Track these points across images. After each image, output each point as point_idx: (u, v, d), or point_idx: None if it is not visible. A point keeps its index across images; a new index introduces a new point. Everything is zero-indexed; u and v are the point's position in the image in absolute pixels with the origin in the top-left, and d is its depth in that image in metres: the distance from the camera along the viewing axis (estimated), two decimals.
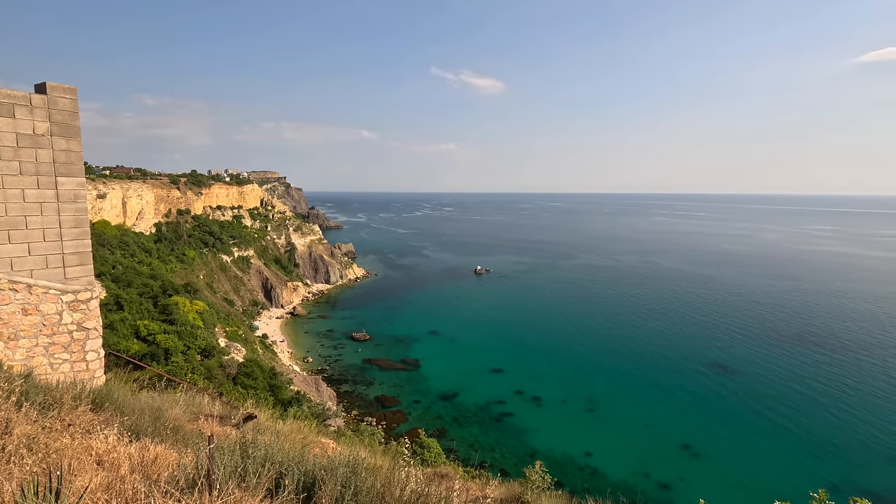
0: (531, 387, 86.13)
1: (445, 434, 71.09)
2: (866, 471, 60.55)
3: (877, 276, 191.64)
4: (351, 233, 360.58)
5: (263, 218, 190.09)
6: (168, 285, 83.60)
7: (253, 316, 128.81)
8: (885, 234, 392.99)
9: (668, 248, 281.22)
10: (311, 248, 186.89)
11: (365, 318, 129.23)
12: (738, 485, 57.67)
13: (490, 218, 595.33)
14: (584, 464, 63.59)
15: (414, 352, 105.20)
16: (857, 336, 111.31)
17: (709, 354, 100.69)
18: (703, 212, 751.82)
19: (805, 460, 62.90)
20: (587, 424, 73.77)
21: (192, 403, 12.90)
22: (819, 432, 69.31)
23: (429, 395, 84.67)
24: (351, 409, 79.27)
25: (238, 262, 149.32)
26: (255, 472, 4.15)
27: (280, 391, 60.19)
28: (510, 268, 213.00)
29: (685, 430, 70.68)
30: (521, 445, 68.47)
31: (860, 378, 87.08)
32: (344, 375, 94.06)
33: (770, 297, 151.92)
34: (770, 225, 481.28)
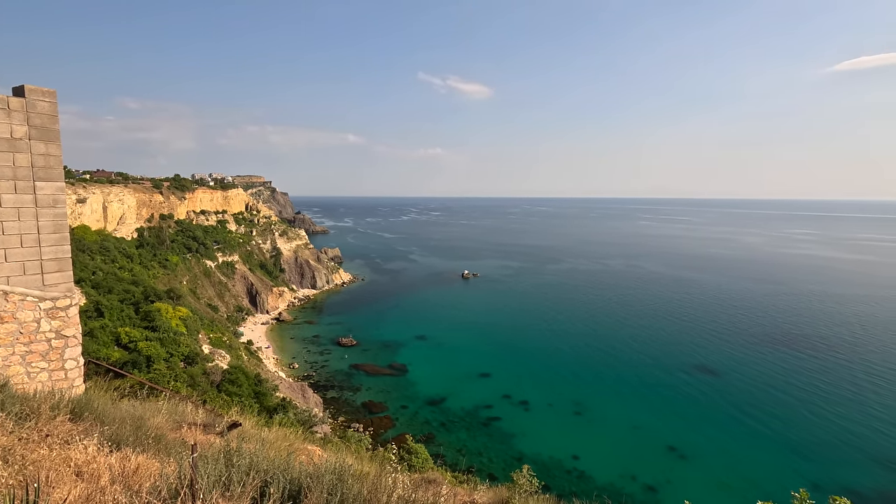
0: (518, 391, 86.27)
1: (433, 439, 70.80)
2: (843, 468, 61.77)
3: (853, 278, 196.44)
4: (337, 237, 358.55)
5: (248, 223, 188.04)
6: (150, 291, 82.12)
7: (238, 322, 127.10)
8: (862, 237, 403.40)
9: (652, 252, 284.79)
10: (297, 252, 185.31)
11: (352, 324, 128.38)
12: (723, 485, 58.38)
13: (477, 222, 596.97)
14: (571, 467, 63.79)
15: (401, 357, 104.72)
16: (832, 338, 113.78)
17: (692, 357, 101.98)
18: (687, 216, 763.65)
19: (786, 459, 63.92)
20: (574, 428, 74.08)
21: (175, 412, 12.68)
22: (798, 432, 70.55)
23: (416, 400, 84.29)
24: (338, 415, 78.52)
25: (222, 267, 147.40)
26: (240, 481, 4.09)
27: (265, 398, 59.40)
28: (497, 272, 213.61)
29: (671, 433, 71.37)
30: (508, 450, 68.46)
31: (834, 378, 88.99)
32: (331, 381, 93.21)
33: (751, 300, 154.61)
34: (752, 229, 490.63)
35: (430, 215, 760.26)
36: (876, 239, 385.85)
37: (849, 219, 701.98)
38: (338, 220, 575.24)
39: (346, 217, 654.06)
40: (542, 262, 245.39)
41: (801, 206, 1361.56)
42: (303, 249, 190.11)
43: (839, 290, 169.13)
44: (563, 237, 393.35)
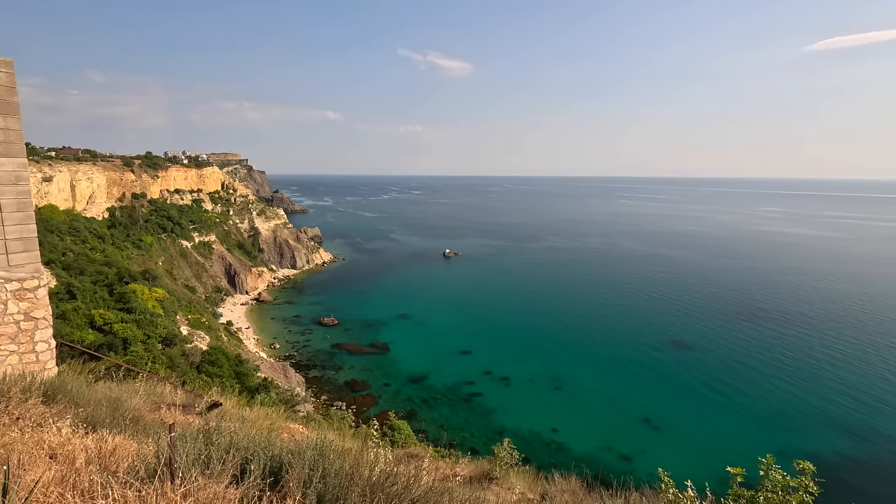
0: (499, 367, 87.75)
1: (415, 415, 71.84)
2: (805, 435, 65.02)
3: (817, 254, 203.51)
4: (317, 217, 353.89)
5: (225, 202, 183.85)
6: (124, 272, 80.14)
7: (216, 303, 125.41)
8: (830, 214, 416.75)
9: (630, 230, 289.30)
10: (276, 232, 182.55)
11: (333, 303, 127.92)
12: (695, 454, 60.87)
13: (458, 201, 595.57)
14: (550, 440, 65.62)
15: (383, 335, 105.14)
16: (795, 312, 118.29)
17: (667, 332, 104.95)
18: (665, 195, 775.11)
19: (753, 428, 66.88)
20: (553, 402, 75.95)
21: (154, 393, 12.51)
22: (764, 402, 73.73)
23: (399, 377, 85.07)
24: (320, 394, 78.84)
25: (199, 247, 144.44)
26: (220, 459, 4.06)
27: (247, 378, 59.15)
28: (479, 251, 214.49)
29: (645, 405, 73.78)
30: (489, 424, 69.96)
31: (796, 351, 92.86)
32: (312, 361, 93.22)
33: (724, 276, 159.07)
34: (725, 207, 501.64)
35: (411, 194, 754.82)
36: (840, 216, 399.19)
37: (816, 197, 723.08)
38: (317, 199, 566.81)
39: (325, 196, 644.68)
40: (522, 240, 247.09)
41: (771, 184, 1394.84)
42: (282, 229, 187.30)
43: (803, 266, 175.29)
44: (543, 216, 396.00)
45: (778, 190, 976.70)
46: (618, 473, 42.02)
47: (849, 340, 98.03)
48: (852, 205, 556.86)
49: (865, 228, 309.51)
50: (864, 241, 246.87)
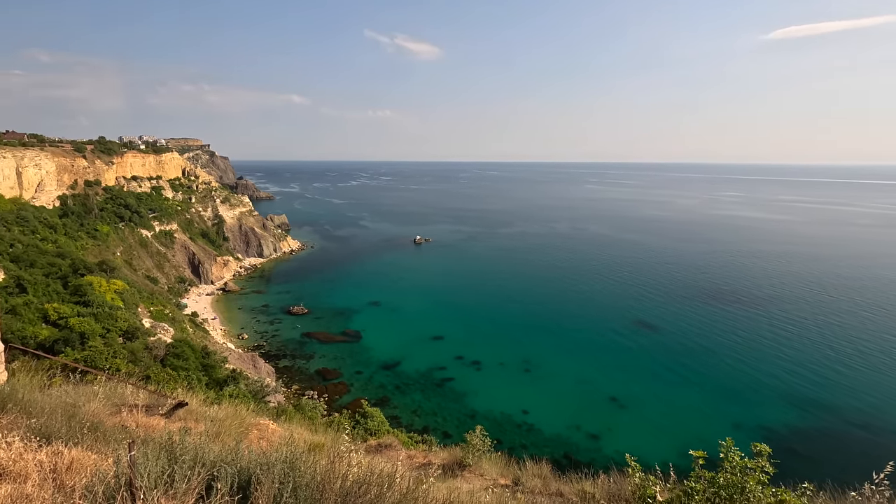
0: (471, 352, 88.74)
1: (388, 402, 72.08)
2: (760, 408, 68.71)
3: (772, 237, 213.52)
4: (284, 204, 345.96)
5: (186, 189, 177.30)
6: (80, 264, 76.53)
7: (180, 294, 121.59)
8: (784, 198, 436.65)
9: (597, 215, 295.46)
10: (241, 220, 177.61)
11: (302, 292, 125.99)
12: (659, 429, 63.46)
13: (429, 187, 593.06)
14: (521, 421, 67.08)
15: (354, 323, 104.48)
16: (751, 292, 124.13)
17: (632, 314, 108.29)
18: (631, 179, 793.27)
19: (713, 403, 70.16)
20: (524, 384, 77.52)
21: (114, 394, 12.03)
22: (723, 378, 77.39)
23: (371, 365, 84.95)
24: (291, 383, 77.96)
25: (160, 236, 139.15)
26: (184, 477, 3.91)
27: (214, 370, 57.85)
28: (449, 237, 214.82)
29: (612, 384, 76.23)
30: (462, 408, 70.89)
31: (752, 329, 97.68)
32: (282, 350, 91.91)
33: (685, 259, 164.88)
34: (687, 192, 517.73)
35: (380, 180, 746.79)
36: (794, 200, 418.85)
37: (772, 182, 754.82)
38: (283, 186, 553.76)
39: (292, 182, 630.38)
40: (493, 226, 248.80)
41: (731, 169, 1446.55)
42: (247, 217, 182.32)
43: (757, 249, 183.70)
44: (513, 201, 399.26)
45: (738, 175, 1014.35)
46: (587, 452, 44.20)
47: (795, 318, 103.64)
48: (804, 189, 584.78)
49: (814, 212, 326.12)
50: (812, 224, 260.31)
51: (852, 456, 56.05)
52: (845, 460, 54.67)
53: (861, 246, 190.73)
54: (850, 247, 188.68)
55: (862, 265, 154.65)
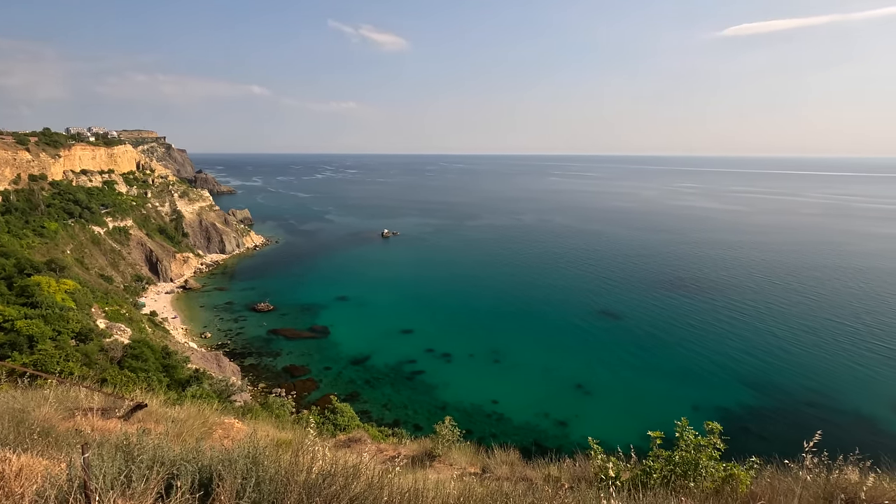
0: (441, 344, 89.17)
1: (358, 397, 71.70)
2: (715, 391, 72.09)
3: (725, 226, 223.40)
4: (246, 198, 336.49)
5: (142, 183, 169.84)
6: (26, 263, 72.36)
7: (137, 293, 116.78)
8: (736, 189, 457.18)
9: (562, 207, 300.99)
10: (202, 215, 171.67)
11: (267, 288, 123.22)
12: (622, 414, 65.65)
13: (395, 180, 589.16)
14: (491, 411, 68.05)
15: (322, 319, 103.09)
16: (707, 279, 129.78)
17: (596, 303, 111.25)
18: (594, 172, 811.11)
19: (673, 388, 73.12)
20: (493, 374, 78.57)
21: (67, 398, 11.51)
22: (680, 363, 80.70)
23: (339, 360, 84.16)
24: (258, 381, 76.39)
25: (114, 233, 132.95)
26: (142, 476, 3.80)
27: (176, 371, 56.01)
28: (417, 230, 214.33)
29: (578, 372, 78.25)
30: (432, 400, 71.28)
31: (707, 315, 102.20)
32: (248, 348, 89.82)
33: (647, 248, 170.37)
34: (648, 183, 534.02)
35: (346, 173, 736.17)
36: (744, 191, 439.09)
37: (726, 173, 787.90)
38: (245, 180, 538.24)
39: (254, 176, 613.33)
40: (460, 218, 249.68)
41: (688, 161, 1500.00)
42: (207, 211, 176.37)
43: (712, 237, 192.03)
44: (479, 193, 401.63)
45: (695, 167, 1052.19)
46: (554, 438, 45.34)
47: (743, 304, 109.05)
48: (754, 180, 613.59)
49: (763, 202, 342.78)
50: (760, 214, 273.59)
51: (796, 430, 59.57)
52: (790, 434, 58.07)
53: (802, 234, 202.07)
54: (793, 235, 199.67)
55: (803, 252, 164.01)
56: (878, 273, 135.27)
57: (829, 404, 67.87)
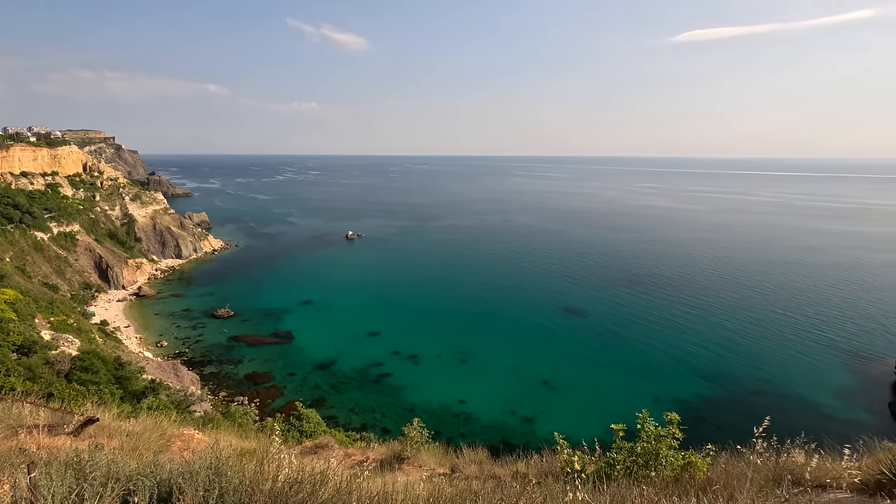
0: (407, 346, 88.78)
1: (324, 402, 70.47)
2: (674, 382, 74.97)
3: (682, 224, 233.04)
4: (203, 201, 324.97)
5: (89, 186, 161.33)
6: None
7: (86, 301, 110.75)
8: (691, 188, 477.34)
9: (526, 207, 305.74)
10: (155, 219, 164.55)
11: (227, 293, 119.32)
12: (588, 408, 67.24)
13: (359, 181, 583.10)
14: (459, 411, 68.29)
15: (285, 324, 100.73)
16: (664, 276, 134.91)
17: (560, 301, 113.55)
18: (556, 172, 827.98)
19: (633, 381, 75.47)
20: (461, 375, 78.86)
21: (9, 415, 10.79)
22: (640, 358, 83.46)
23: (304, 366, 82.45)
24: (219, 390, 73.89)
25: (59, 239, 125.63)
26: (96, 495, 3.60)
27: (130, 382, 53.39)
28: (382, 231, 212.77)
29: (544, 369, 79.60)
30: (400, 403, 70.86)
31: (664, 310, 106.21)
32: (207, 356, 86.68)
33: (608, 247, 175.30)
34: (609, 184, 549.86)
35: (308, 175, 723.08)
36: (700, 190, 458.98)
37: (683, 173, 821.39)
38: (202, 182, 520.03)
39: (211, 178, 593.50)
40: (425, 219, 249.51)
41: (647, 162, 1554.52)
42: (162, 215, 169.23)
43: (669, 235, 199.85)
44: (444, 195, 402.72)
45: (654, 167, 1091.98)
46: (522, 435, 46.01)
47: (699, 298, 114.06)
48: (709, 180, 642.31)
49: (717, 201, 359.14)
50: (714, 212, 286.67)
51: (747, 417, 62.51)
52: (742, 421, 60.85)
53: (753, 231, 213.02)
54: (744, 232, 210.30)
55: (751, 248, 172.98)
56: (818, 267, 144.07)
57: (777, 391, 71.75)
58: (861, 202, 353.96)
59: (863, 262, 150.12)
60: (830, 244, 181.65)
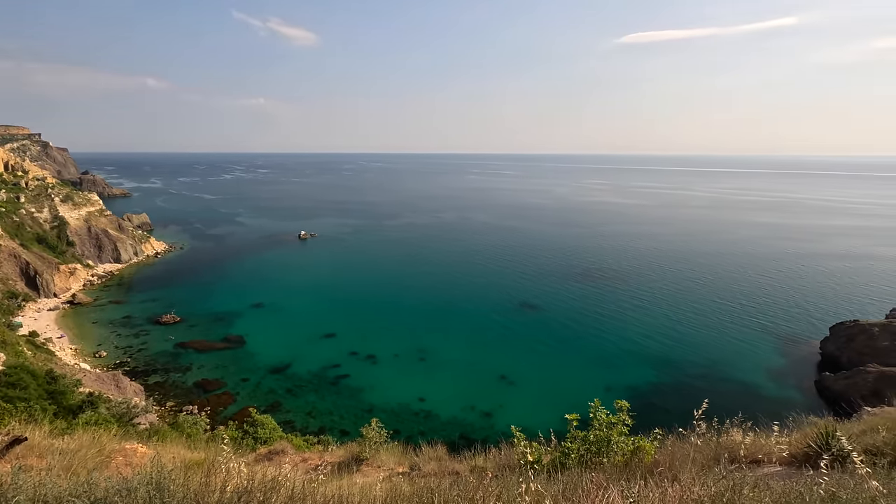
0: (365, 346, 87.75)
1: (280, 407, 68.54)
2: (625, 371, 78.18)
3: (630, 219, 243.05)
4: (143, 201, 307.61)
5: (12, 186, 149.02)
6: None
7: (12, 311, 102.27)
8: (637, 185, 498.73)
9: (481, 205, 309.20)
10: (90, 221, 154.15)
11: (172, 298, 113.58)
12: (544, 400, 68.87)
13: (311, 180, 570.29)
14: (419, 409, 68.24)
15: (237, 328, 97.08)
16: (613, 269, 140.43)
17: (516, 296, 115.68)
18: (510, 170, 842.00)
19: (588, 372, 78.08)
20: (419, 373, 78.81)
21: None
22: (593, 349, 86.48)
23: (258, 370, 79.80)
24: (165, 400, 70.28)
25: None
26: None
27: (65, 397, 49.70)
28: (336, 230, 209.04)
29: (501, 364, 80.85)
30: (359, 404, 69.96)
31: (614, 302, 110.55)
32: (152, 365, 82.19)
33: (560, 242, 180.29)
34: (560, 181, 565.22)
35: (257, 173, 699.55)
36: (645, 186, 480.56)
37: (630, 170, 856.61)
38: (142, 181, 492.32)
39: (152, 177, 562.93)
40: (380, 218, 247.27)
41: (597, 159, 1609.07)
42: (97, 217, 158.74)
43: (619, 229, 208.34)
44: (400, 193, 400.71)
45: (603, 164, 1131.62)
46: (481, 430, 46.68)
47: (645, 289, 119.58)
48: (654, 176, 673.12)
49: (661, 196, 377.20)
50: (658, 207, 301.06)
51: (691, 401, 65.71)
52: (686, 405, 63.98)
53: (693, 225, 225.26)
54: (685, 226, 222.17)
55: (692, 241, 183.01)
56: (751, 258, 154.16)
57: (718, 375, 76.31)
58: (787, 196, 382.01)
59: (789, 253, 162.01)
60: (760, 236, 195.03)
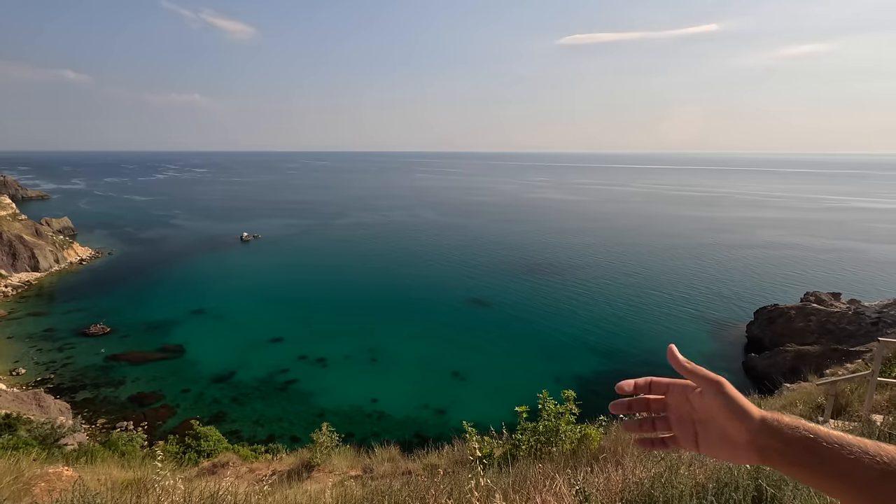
0: (314, 349, 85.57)
1: (225, 417, 65.51)
2: (572, 361, 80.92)
3: (573, 214, 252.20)
4: (64, 204, 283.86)
5: None
6: None
7: None
8: (578, 181, 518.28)
9: (429, 202, 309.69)
10: (1, 226, 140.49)
11: (101, 308, 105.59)
12: (496, 394, 69.98)
13: (253, 179, 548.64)
14: (371, 410, 67.44)
15: (174, 337, 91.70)
16: (558, 263, 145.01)
17: (466, 292, 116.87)
18: (457, 168, 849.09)
19: (536, 364, 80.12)
20: (371, 373, 77.85)
21: None
22: (541, 342, 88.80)
23: (199, 380, 75.81)
24: (96, 418, 65.27)
25: None
26: None
27: None
28: (281, 231, 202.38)
29: (453, 360, 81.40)
30: (309, 409, 68.16)
31: (560, 295, 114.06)
32: (79, 381, 76.01)
33: (508, 238, 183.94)
34: (506, 178, 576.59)
35: (193, 173, 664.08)
36: (586, 183, 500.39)
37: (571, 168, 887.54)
38: (62, 182, 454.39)
39: (74, 177, 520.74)
40: (327, 217, 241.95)
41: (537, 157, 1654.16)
42: (10, 221, 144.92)
43: (562, 225, 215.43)
44: (347, 191, 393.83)
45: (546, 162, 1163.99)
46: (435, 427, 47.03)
47: (587, 281, 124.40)
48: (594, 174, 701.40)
49: (600, 192, 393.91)
50: (598, 202, 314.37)
51: None
52: None
53: (631, 219, 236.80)
54: (623, 220, 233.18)
55: (630, 234, 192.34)
56: (684, 249, 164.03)
57: (655, 360, 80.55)
58: (717, 191, 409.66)
59: (718, 244, 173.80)
60: (690, 228, 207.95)
